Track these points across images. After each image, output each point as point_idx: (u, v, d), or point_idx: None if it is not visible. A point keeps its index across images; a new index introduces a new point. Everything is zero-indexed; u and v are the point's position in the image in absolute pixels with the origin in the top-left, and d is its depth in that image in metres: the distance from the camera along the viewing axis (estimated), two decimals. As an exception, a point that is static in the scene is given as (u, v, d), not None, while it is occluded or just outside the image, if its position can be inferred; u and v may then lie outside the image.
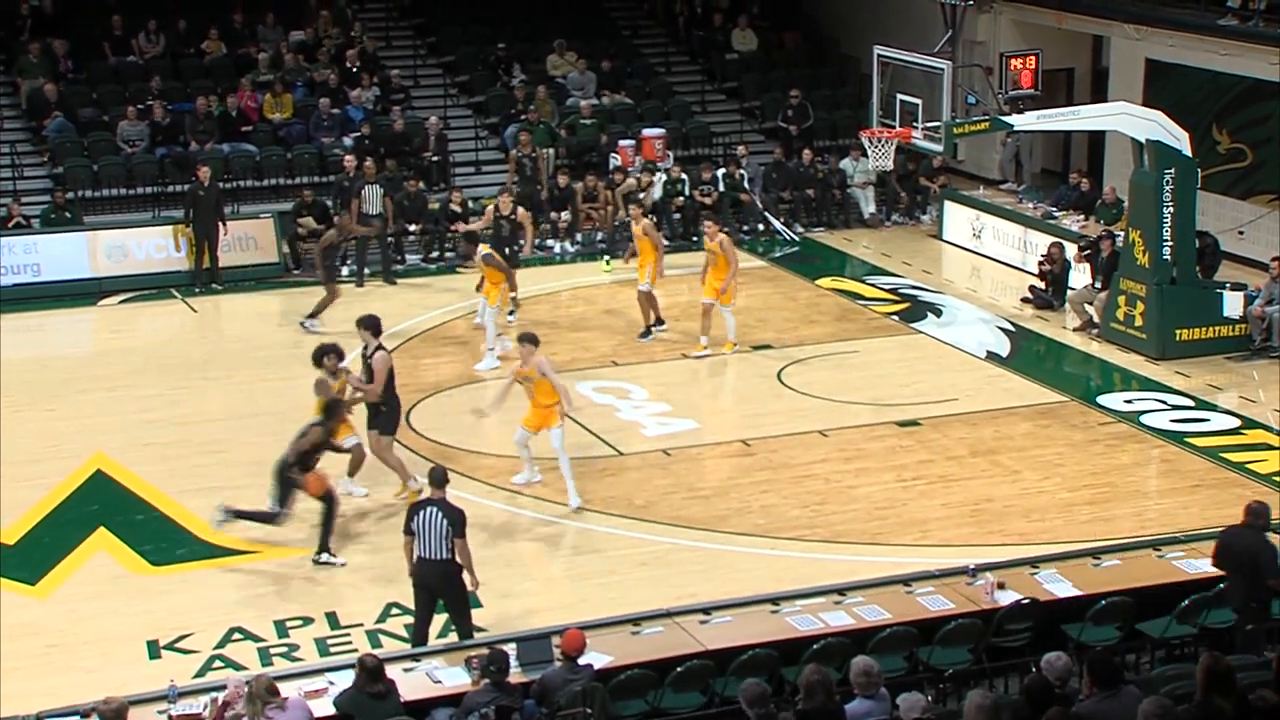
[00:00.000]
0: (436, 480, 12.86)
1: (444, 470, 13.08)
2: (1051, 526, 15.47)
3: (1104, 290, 21.22)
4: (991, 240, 25.27)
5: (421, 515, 12.56)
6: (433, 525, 12.49)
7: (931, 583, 12.95)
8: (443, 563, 12.55)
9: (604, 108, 28.76)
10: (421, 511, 12.58)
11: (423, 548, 12.55)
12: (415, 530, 12.55)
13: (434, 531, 12.48)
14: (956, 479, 16.66)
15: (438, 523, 12.50)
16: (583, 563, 14.85)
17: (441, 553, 12.51)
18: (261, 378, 19.87)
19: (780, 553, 14.91)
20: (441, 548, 12.50)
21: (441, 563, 12.55)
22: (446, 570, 12.62)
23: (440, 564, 12.55)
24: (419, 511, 12.60)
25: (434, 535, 12.49)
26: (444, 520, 12.52)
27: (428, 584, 12.66)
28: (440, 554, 12.51)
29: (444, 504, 12.66)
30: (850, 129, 27.69)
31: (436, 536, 12.48)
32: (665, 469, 17.08)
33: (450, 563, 12.58)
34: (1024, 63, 21.69)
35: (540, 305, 22.88)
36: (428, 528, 12.50)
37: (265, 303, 23.16)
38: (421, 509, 12.61)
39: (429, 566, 12.58)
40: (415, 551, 12.60)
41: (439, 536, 12.48)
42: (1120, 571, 13.19)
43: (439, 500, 12.67)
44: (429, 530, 12.49)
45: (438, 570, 12.58)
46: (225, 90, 27.43)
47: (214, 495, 15.43)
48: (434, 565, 12.57)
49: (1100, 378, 20.18)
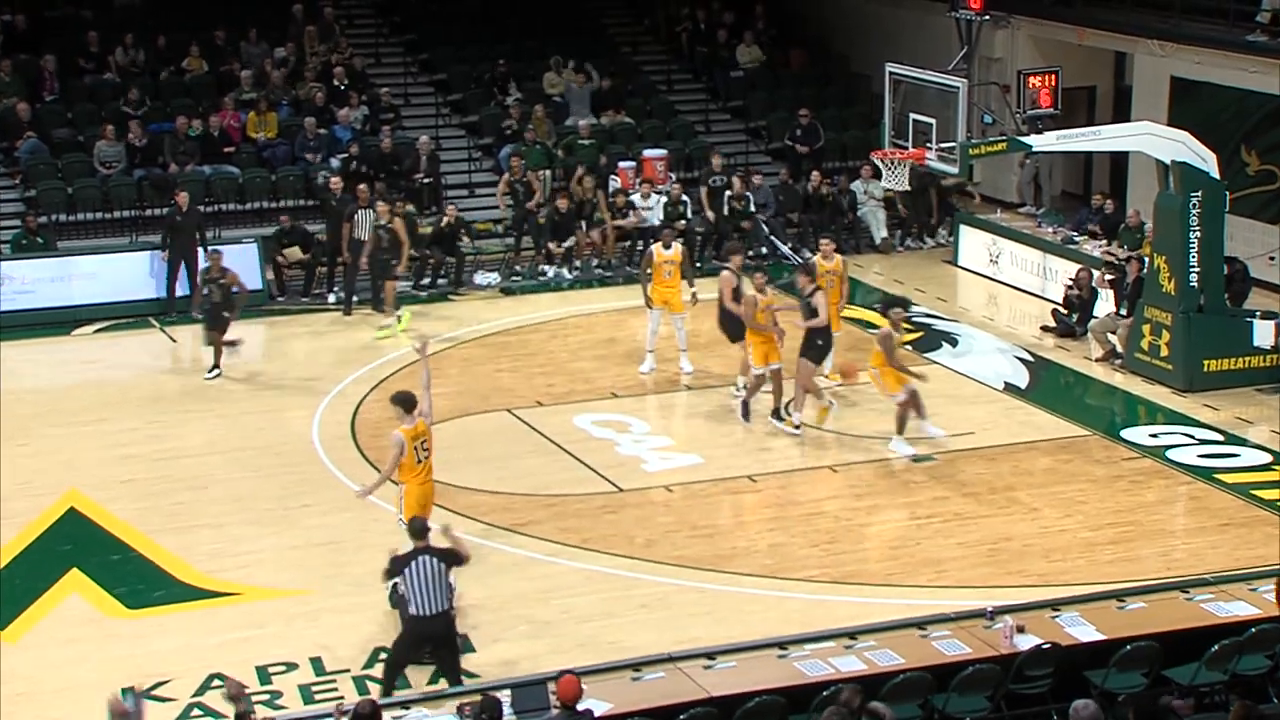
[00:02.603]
0: (418, 531, 12.69)
1: (424, 520, 13.03)
2: (1073, 567, 15.44)
3: (1128, 318, 21.23)
4: (1009, 266, 25.30)
5: (414, 567, 12.37)
6: (429, 575, 12.33)
7: (947, 626, 12.91)
8: (444, 614, 12.44)
9: (603, 128, 28.84)
10: (413, 563, 12.39)
11: (421, 603, 12.36)
12: (409, 586, 12.34)
13: (432, 581, 12.31)
14: (973, 517, 16.64)
15: (434, 570, 12.35)
16: (580, 604, 14.82)
17: (442, 604, 12.39)
18: (244, 411, 19.87)
19: (788, 594, 14.88)
20: (442, 599, 12.38)
21: (443, 615, 12.43)
22: (449, 621, 12.53)
23: (442, 616, 12.43)
24: (409, 565, 12.40)
25: (433, 586, 12.32)
26: (441, 565, 12.41)
27: (431, 639, 12.57)
28: (441, 605, 12.39)
29: (432, 550, 12.53)
30: (860, 150, 27.74)
31: (436, 587, 12.33)
32: (667, 506, 17.07)
33: (450, 611, 12.51)
34: (1043, 80, 21.77)
35: (537, 334, 22.90)
36: (425, 579, 12.33)
37: (248, 332, 23.14)
38: (412, 561, 12.42)
39: (431, 623, 12.42)
40: (410, 610, 12.40)
41: (439, 586, 12.35)
42: (1146, 615, 13.15)
43: (425, 548, 12.54)
44: (427, 581, 12.32)
45: (440, 624, 12.46)
46: (207, 110, 27.50)
47: (194, 535, 15.42)
48: (436, 620, 12.43)
49: (1124, 411, 20.17)
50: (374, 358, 21.62)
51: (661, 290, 20.60)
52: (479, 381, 20.88)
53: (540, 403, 20.06)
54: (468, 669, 12.90)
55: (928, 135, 20.94)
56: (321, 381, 20.72)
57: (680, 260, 20.74)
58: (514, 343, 22.45)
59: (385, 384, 20.49)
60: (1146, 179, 23.10)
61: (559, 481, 17.56)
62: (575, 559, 15.68)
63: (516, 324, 22.81)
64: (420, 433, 14.39)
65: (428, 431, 14.48)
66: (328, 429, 19.06)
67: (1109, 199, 25.50)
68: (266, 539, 16.13)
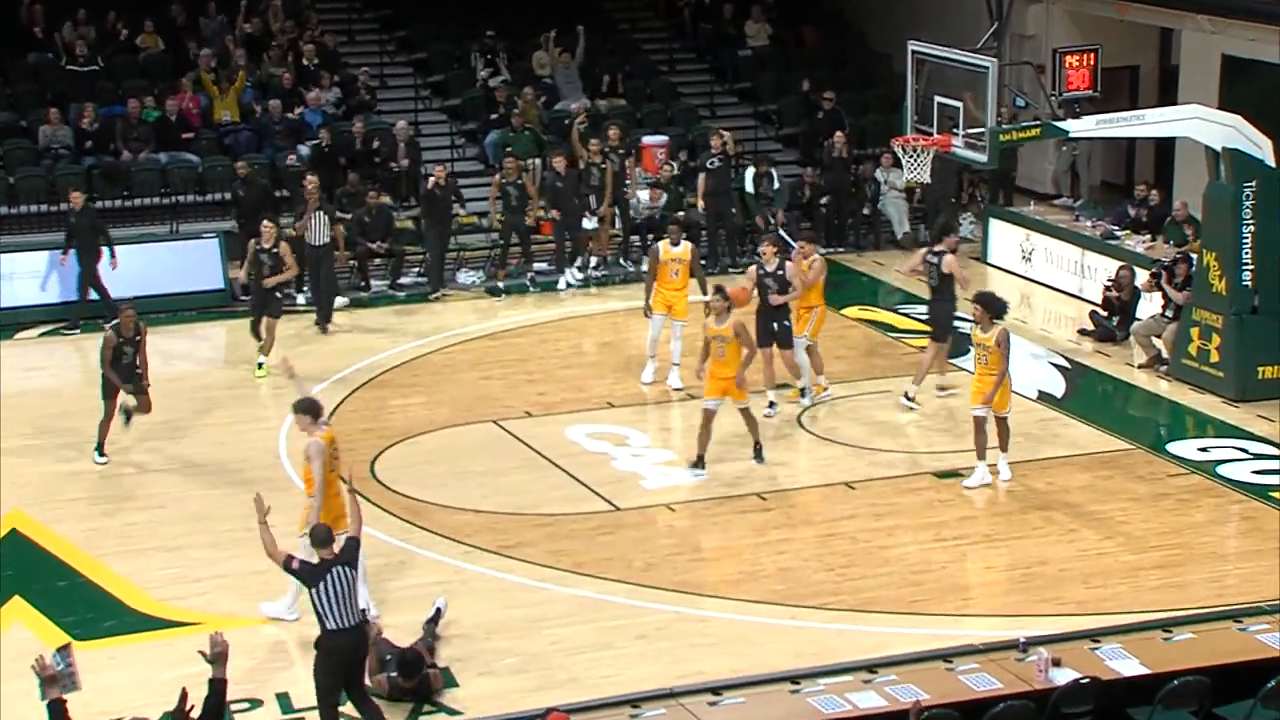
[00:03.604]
0: (323, 540, 12.78)
1: (328, 529, 13.08)
2: (1115, 594, 15.44)
3: (1174, 321, 21.23)
4: (1043, 264, 25.32)
5: (328, 581, 12.48)
6: (343, 586, 12.47)
7: (976, 659, 12.93)
8: (360, 627, 12.67)
9: (599, 112, 28.83)
10: (326, 576, 12.49)
11: (337, 617, 12.47)
12: (322, 600, 12.45)
13: (347, 593, 12.48)
14: (1004, 538, 16.65)
15: (348, 580, 12.50)
16: (573, 635, 14.80)
17: (357, 615, 12.61)
18: (204, 423, 19.86)
19: (801, 623, 14.87)
20: (356, 610, 12.58)
21: (359, 628, 12.66)
22: (365, 635, 12.79)
23: (358, 629, 12.65)
24: (323, 579, 12.49)
25: (348, 598, 12.49)
26: (353, 575, 12.58)
27: (348, 658, 12.65)
28: (356, 617, 12.59)
29: (340, 559, 12.65)
30: (880, 136, 27.73)
31: (350, 598, 12.52)
32: (669, 526, 17.07)
33: (364, 625, 12.77)
34: (1081, 60, 21.75)
35: (526, 338, 22.90)
36: (338, 591, 12.45)
37: (208, 335, 23.16)
38: (325, 574, 12.51)
39: (347, 636, 12.55)
40: (328, 625, 12.50)
41: (352, 597, 12.54)
42: (1195, 647, 13.16)
43: (334, 558, 12.65)
44: (340, 593, 12.45)
45: (356, 637, 12.64)
46: (163, 92, 27.51)
47: (149, 559, 15.40)
48: (353, 633, 12.58)
49: (1170, 422, 20.18)
50: (347, 364, 21.61)
51: (666, 294, 20.47)
52: (462, 390, 20.88)
53: (529, 413, 20.06)
54: (450, 705, 12.88)
55: (954, 120, 20.93)
56: (288, 391, 20.62)
57: (689, 259, 20.66)
58: (500, 347, 22.45)
59: (359, 392, 20.52)
60: (1195, 168, 23.10)
61: (550, 500, 17.55)
62: (568, 585, 15.65)
63: (503, 327, 22.80)
64: (333, 439, 14.68)
65: (336, 439, 14.80)
66: (297, 443, 19.00)
67: (1153, 190, 25.52)
68: (228, 563, 16.09)
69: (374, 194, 25.34)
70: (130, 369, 18.51)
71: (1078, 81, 21.57)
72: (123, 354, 18.44)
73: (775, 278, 19.47)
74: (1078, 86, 21.57)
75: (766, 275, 19.51)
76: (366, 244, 24.98)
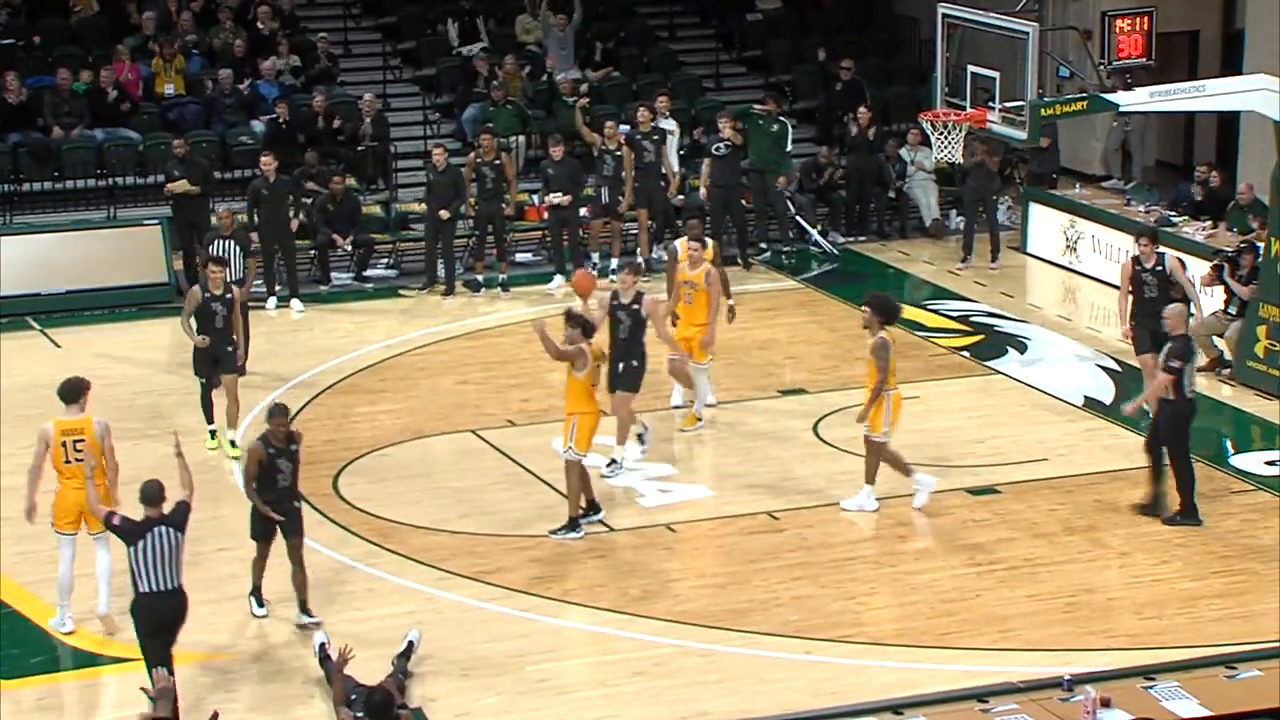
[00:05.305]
0: (153, 497, 13.50)
1: (159, 485, 13.60)
2: (1171, 626, 15.44)
3: (1238, 318, 21.25)
4: (1090, 254, 25.35)
5: (148, 540, 13.30)
6: (164, 547, 13.32)
7: (1014, 698, 12.95)
8: (178, 591, 13.47)
9: (592, 84, 28.83)
10: (147, 535, 13.30)
11: (153, 579, 13.33)
12: (139, 559, 13.27)
13: (168, 556, 13.33)
14: (1046, 563, 16.66)
15: (171, 541, 13.35)
16: (561, 671, 14.83)
17: (178, 578, 13.45)
18: (145, 432, 19.82)
19: (817, 658, 14.88)
20: (177, 573, 13.39)
21: (176, 592, 13.45)
22: (183, 600, 13.58)
23: (175, 594, 13.46)
24: (142, 538, 13.28)
25: (169, 561, 13.34)
26: (177, 536, 13.38)
27: (166, 622, 13.44)
28: (175, 581, 13.44)
29: (166, 518, 13.43)
30: (906, 110, 27.77)
31: (172, 559, 13.35)
32: (669, 550, 17.10)
33: (182, 588, 13.54)
34: (1133, 24, 21.72)
35: (508, 338, 22.90)
36: (158, 552, 13.32)
37: (150, 334, 23.14)
38: (146, 533, 13.30)
39: (165, 599, 13.42)
40: (141, 589, 13.33)
41: (174, 559, 13.36)
42: (1262, 685, 13.18)
43: (159, 517, 13.42)
44: (160, 555, 13.32)
45: (175, 600, 13.49)
46: (98, 60, 27.51)
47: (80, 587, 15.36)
48: (171, 596, 13.44)
49: (1234, 432, 20.20)
50: (307, 366, 21.62)
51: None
52: (437, 396, 20.92)
53: (512, 422, 20.11)
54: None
55: (990, 92, 20.94)
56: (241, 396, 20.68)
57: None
58: (480, 348, 22.46)
59: (321, 398, 20.52)
60: (1262, 146, 23.13)
61: (534, 519, 17.57)
62: (554, 615, 15.67)
63: (483, 325, 22.78)
64: (76, 429, 15.17)
65: (85, 431, 15.17)
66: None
67: (1215, 171, 25.56)
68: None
69: (339, 179, 25.20)
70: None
71: (1129, 48, 21.53)
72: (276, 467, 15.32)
73: (629, 311, 18.25)
74: (1130, 54, 21.54)
75: (620, 308, 18.29)
76: (330, 234, 24.96)
